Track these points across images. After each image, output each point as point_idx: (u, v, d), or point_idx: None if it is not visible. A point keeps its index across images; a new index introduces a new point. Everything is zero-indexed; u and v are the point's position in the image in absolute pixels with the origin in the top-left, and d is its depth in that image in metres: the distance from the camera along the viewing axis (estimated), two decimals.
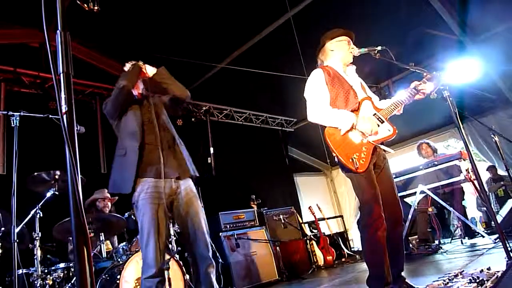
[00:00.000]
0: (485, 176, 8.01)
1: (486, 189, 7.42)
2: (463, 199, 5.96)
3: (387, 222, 2.69)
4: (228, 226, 5.73)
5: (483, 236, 5.25)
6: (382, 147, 2.81)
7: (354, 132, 2.77)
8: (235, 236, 5.57)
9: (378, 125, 2.79)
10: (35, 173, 3.59)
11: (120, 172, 2.62)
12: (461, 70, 4.73)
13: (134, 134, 2.65)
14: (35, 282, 3.37)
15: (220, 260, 5.00)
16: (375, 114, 2.85)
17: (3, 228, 3.47)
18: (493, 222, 5.92)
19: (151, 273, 2.41)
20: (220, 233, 5.51)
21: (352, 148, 2.74)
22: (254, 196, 6.77)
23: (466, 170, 5.14)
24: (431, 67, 6.34)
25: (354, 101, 2.85)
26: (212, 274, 2.61)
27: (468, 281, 2.35)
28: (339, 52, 3.00)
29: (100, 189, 4.87)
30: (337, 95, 2.85)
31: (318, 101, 2.85)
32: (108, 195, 4.87)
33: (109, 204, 4.86)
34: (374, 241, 2.62)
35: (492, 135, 5.14)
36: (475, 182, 5.07)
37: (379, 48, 2.89)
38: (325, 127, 2.84)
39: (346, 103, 2.83)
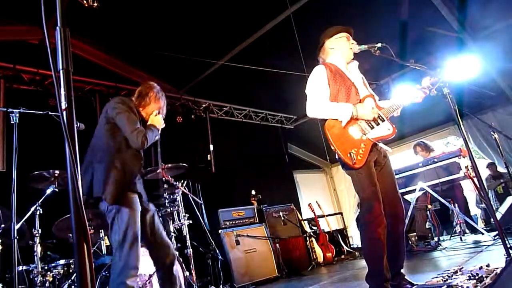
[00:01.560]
0: (484, 173, 8.01)
1: (486, 187, 7.43)
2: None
3: (389, 219, 2.70)
4: (227, 223, 5.73)
5: (483, 233, 5.26)
6: (380, 145, 2.81)
7: (354, 126, 2.79)
8: (235, 233, 5.58)
9: (378, 123, 2.81)
10: (35, 172, 3.58)
11: (120, 185, 2.71)
12: (461, 67, 4.72)
13: (137, 157, 2.91)
14: (35, 278, 3.38)
15: (220, 257, 5.01)
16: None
17: (3, 225, 3.47)
18: (492, 219, 5.93)
19: (135, 273, 2.53)
20: (220, 230, 5.52)
21: (351, 143, 2.75)
22: (254, 192, 6.78)
23: (466, 167, 5.15)
24: (431, 64, 6.33)
25: (356, 97, 2.86)
26: (177, 265, 2.90)
27: (467, 277, 2.35)
28: (339, 49, 3.00)
29: None
30: (338, 91, 2.86)
31: (318, 96, 2.86)
32: None
33: None
34: (373, 238, 2.63)
35: (491, 132, 5.14)
36: (475, 179, 5.07)
37: (379, 45, 2.89)
38: (325, 121, 2.84)
39: (347, 99, 2.84)
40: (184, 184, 4.56)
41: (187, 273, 3.77)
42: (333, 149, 2.77)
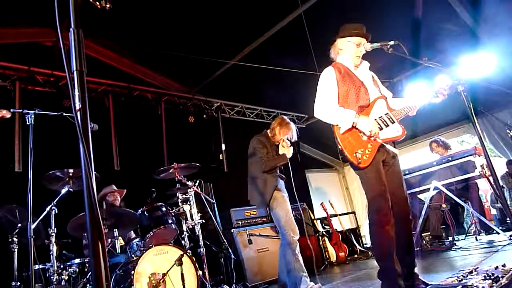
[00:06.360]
0: (501, 171, 7.86)
1: (503, 185, 7.27)
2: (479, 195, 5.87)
3: (396, 219, 2.73)
4: (240, 222, 5.74)
5: (498, 233, 5.18)
6: (387, 146, 2.80)
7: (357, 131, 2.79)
8: (247, 233, 5.58)
9: (381, 128, 2.81)
10: (50, 172, 3.63)
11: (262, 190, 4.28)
12: (476, 65, 4.65)
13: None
14: (51, 277, 3.43)
15: (233, 256, 5.02)
16: (387, 113, 2.85)
17: (19, 224, 3.52)
18: (508, 219, 5.83)
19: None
20: (232, 230, 5.53)
21: (358, 143, 2.77)
22: None
23: (481, 166, 5.07)
24: (445, 62, 6.24)
25: (365, 97, 2.87)
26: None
27: (483, 277, 2.32)
28: (346, 52, 3.01)
29: (107, 186, 4.94)
30: (348, 92, 2.87)
31: (325, 98, 2.89)
32: (116, 189, 4.93)
33: (119, 197, 4.92)
34: (382, 236, 2.68)
35: (507, 130, 5.05)
36: (490, 178, 4.99)
37: (392, 42, 2.87)
38: None
39: (357, 100, 2.85)
40: (197, 184, 4.58)
41: (200, 272, 3.78)
42: (340, 148, 2.82)
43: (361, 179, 2.83)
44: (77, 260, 3.68)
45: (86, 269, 3.67)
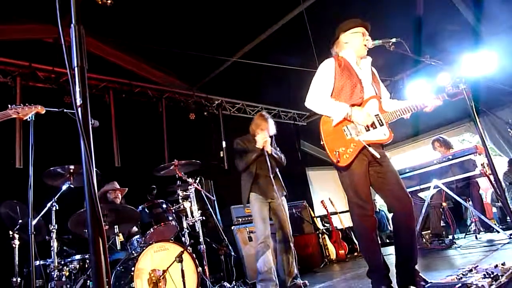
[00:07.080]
0: (502, 168, 7.85)
1: (503, 183, 7.27)
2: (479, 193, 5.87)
3: (398, 216, 2.72)
4: (240, 219, 5.74)
5: (498, 232, 5.18)
6: (370, 149, 2.70)
7: (349, 125, 2.78)
8: (248, 230, 5.59)
9: (368, 129, 2.77)
10: (51, 168, 3.64)
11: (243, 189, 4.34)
12: (478, 63, 4.63)
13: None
14: (52, 273, 3.44)
15: (233, 253, 5.03)
16: (378, 115, 2.82)
17: (20, 220, 3.53)
18: (508, 217, 5.83)
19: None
20: (233, 227, 5.53)
21: (341, 141, 2.76)
22: None
23: (482, 165, 5.06)
24: (447, 59, 6.23)
25: (359, 95, 2.84)
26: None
27: (482, 276, 2.32)
28: (353, 44, 2.95)
29: (110, 182, 4.94)
30: (343, 86, 2.85)
31: (319, 89, 2.87)
32: (118, 186, 4.93)
33: (120, 195, 4.92)
34: (365, 238, 2.75)
35: (508, 129, 5.04)
36: (491, 176, 4.99)
37: (393, 40, 2.85)
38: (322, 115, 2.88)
39: (350, 96, 2.83)
40: (197, 181, 4.58)
41: (200, 269, 3.79)
42: (322, 144, 2.82)
43: (341, 179, 2.84)
44: (77, 256, 3.69)
45: (86, 265, 3.68)
